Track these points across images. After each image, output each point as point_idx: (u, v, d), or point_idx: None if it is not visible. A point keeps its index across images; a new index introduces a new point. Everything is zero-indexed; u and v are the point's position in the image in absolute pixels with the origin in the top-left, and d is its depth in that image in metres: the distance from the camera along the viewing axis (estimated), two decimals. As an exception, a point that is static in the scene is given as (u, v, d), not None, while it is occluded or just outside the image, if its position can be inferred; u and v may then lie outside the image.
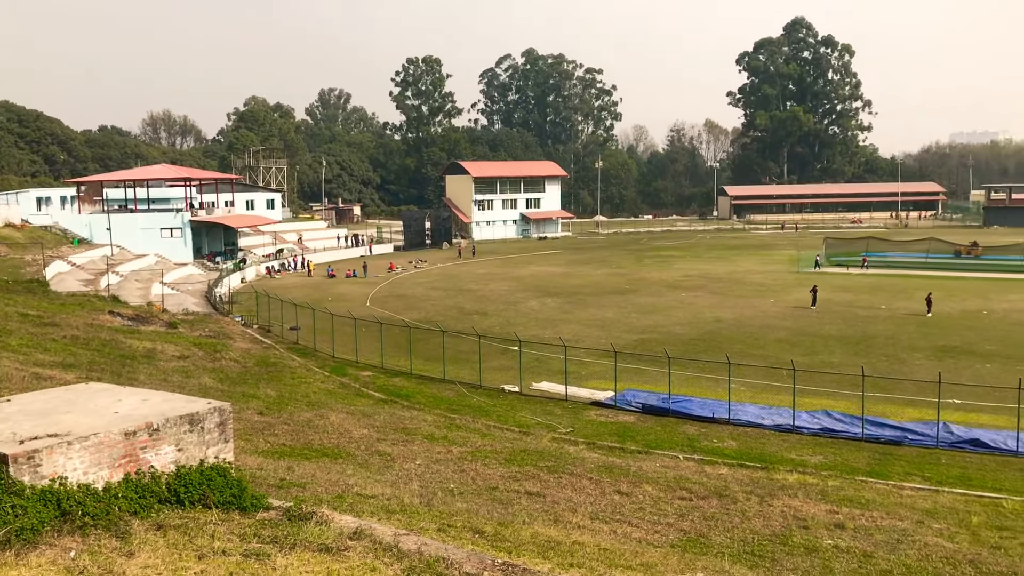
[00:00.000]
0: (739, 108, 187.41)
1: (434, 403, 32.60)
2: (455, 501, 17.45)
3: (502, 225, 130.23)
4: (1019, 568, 15.56)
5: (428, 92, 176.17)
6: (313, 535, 9.81)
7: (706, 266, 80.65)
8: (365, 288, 68.95)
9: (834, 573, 14.42)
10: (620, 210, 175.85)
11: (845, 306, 54.05)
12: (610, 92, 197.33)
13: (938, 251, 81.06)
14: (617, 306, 56.11)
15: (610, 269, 79.93)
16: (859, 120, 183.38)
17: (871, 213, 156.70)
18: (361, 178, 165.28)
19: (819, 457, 25.43)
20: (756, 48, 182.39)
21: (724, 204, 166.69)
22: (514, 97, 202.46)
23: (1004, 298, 56.02)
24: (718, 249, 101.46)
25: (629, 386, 33.92)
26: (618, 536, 15.53)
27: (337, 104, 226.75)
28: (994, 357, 38.79)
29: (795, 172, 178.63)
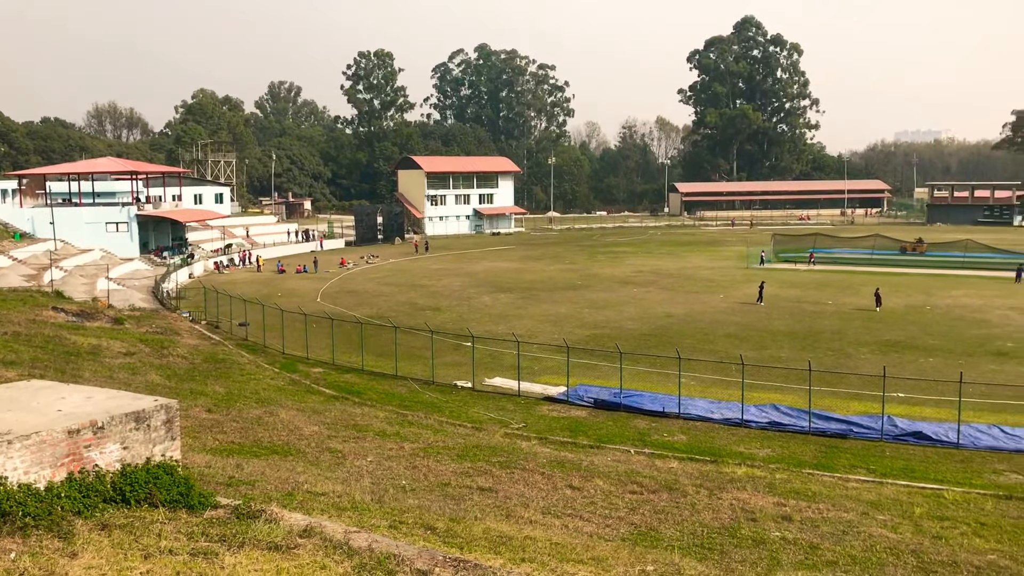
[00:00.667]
0: (690, 106, 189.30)
1: (386, 399, 32.45)
2: (407, 498, 17.38)
3: (455, 221, 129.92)
4: (959, 557, 15.95)
5: (380, 86, 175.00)
6: (262, 533, 9.71)
7: (657, 262, 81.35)
8: (316, 284, 68.35)
9: (781, 565, 14.65)
10: (573, 206, 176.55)
11: (793, 302, 54.91)
12: (563, 88, 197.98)
13: (883, 247, 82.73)
14: (570, 301, 56.36)
15: (563, 265, 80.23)
16: (807, 118, 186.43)
17: (818, 210, 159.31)
18: (312, 172, 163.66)
19: (767, 450, 25.82)
20: (707, 46, 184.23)
21: (675, 201, 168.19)
22: (467, 92, 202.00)
23: (947, 294, 57.36)
24: (669, 245, 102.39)
25: (581, 381, 34.10)
26: (569, 530, 15.60)
27: (287, 97, 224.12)
28: (937, 351, 39.71)
29: (744, 169, 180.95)
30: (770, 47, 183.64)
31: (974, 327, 45.49)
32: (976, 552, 16.50)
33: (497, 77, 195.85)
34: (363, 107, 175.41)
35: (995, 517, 19.44)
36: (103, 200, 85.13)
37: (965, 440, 26.15)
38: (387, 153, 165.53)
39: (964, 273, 69.23)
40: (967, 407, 27.87)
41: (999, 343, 41.28)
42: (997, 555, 16.38)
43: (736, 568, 14.29)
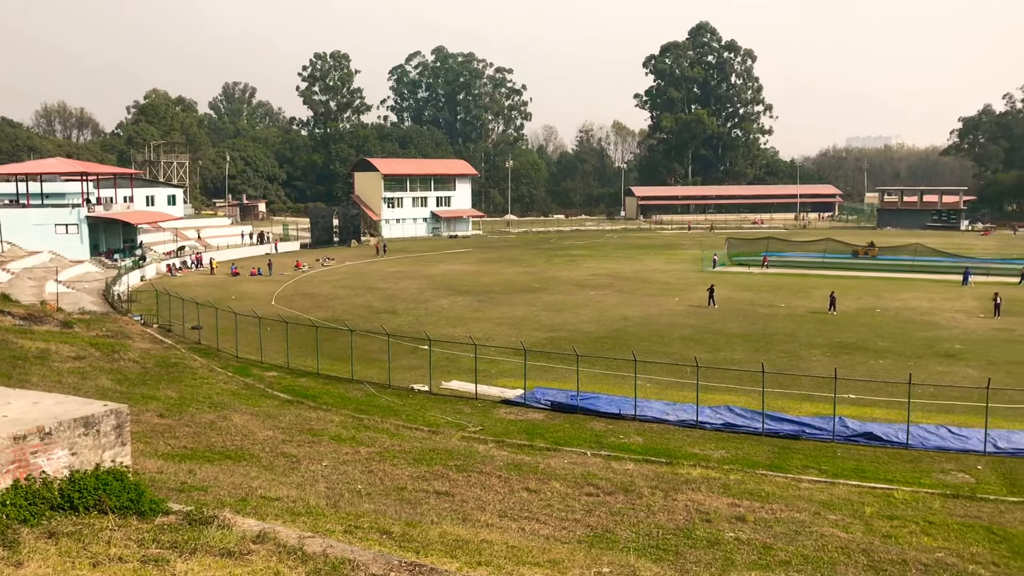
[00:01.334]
0: (646, 110, 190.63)
1: (342, 403, 32.21)
2: (362, 502, 17.29)
3: (412, 223, 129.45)
4: (908, 556, 16.26)
5: (336, 88, 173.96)
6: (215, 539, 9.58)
7: (614, 265, 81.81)
8: (270, 286, 67.67)
9: (735, 565, 14.81)
10: (530, 209, 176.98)
11: (747, 304, 55.56)
12: (520, 92, 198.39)
13: (835, 251, 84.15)
14: (527, 304, 56.44)
15: (520, 268, 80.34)
16: (760, 124, 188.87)
17: (771, 214, 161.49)
18: (267, 174, 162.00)
19: (721, 452, 26.08)
20: (662, 51, 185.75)
21: (631, 204, 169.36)
22: (424, 94, 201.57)
23: (896, 296, 58.44)
24: (625, 249, 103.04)
25: (538, 384, 34.15)
26: (526, 533, 15.63)
27: (242, 98, 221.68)
28: (887, 353, 40.43)
29: (699, 173, 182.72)
30: (724, 53, 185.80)
31: (923, 329, 46.40)
32: (924, 550, 16.83)
33: (455, 80, 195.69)
34: (319, 109, 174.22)
35: (943, 516, 19.85)
36: (52, 201, 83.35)
37: (914, 440, 26.66)
38: (343, 155, 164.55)
39: (913, 276, 70.59)
40: (916, 408, 28.42)
41: (947, 345, 42.16)
42: (944, 553, 16.73)
43: (691, 569, 14.42)
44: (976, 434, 26.68)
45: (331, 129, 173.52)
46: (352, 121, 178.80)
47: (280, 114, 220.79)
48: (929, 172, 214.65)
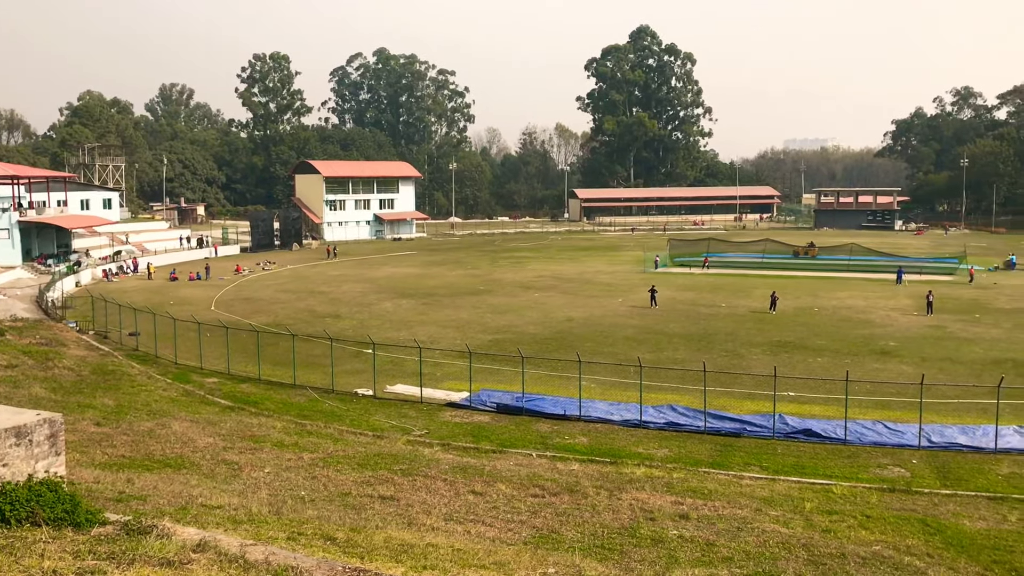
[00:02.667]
0: (588, 113, 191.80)
1: (284, 409, 31.81)
2: (306, 508, 17.10)
3: (355, 226, 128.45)
4: (847, 549, 16.59)
5: (276, 89, 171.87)
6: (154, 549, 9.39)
7: (558, 267, 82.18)
8: (210, 291, 66.55)
9: (679, 563, 14.96)
10: (474, 211, 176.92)
11: (688, 304, 56.25)
12: (463, 94, 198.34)
13: (773, 251, 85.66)
14: (472, 307, 56.39)
15: (465, 270, 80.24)
16: (700, 126, 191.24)
17: (712, 215, 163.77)
18: (205, 177, 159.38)
19: (665, 450, 26.35)
20: (603, 55, 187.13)
21: (575, 206, 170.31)
22: (366, 96, 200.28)
23: (833, 295, 59.68)
24: (569, 250, 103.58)
25: (484, 386, 34.14)
26: (472, 536, 15.61)
27: (179, 100, 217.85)
28: (824, 351, 41.26)
29: (641, 176, 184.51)
30: (664, 56, 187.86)
31: (859, 327, 47.46)
32: (862, 544, 17.20)
33: (397, 82, 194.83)
34: (259, 110, 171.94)
35: (879, 510, 20.32)
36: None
37: (852, 436, 27.25)
38: (284, 157, 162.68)
39: (849, 276, 72.19)
40: (853, 404, 29.08)
41: (882, 342, 43.18)
42: (882, 546, 17.12)
43: (635, 568, 14.53)
44: (911, 429, 27.37)
45: (271, 131, 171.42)
46: (293, 123, 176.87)
47: (219, 116, 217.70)
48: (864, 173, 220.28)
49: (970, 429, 27.77)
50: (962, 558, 16.76)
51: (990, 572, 16.05)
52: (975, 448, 26.22)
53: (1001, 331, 45.82)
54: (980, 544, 17.74)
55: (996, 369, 36.04)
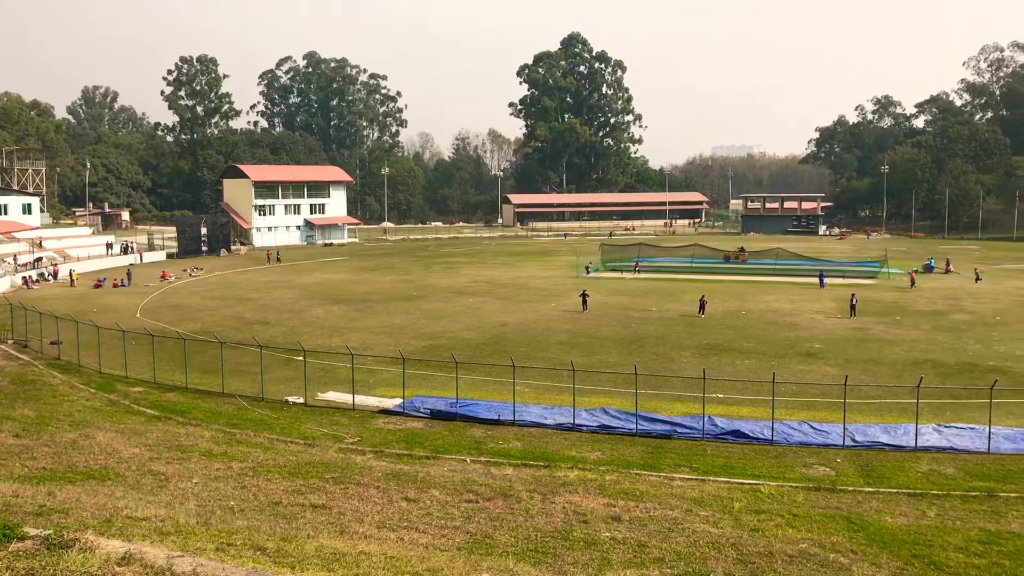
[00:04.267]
0: (521, 119, 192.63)
1: (212, 418, 31.20)
2: (235, 519, 16.79)
3: (285, 231, 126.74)
4: (774, 548, 16.93)
5: (203, 92, 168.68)
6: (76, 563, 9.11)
7: (492, 272, 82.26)
8: (135, 299, 64.93)
9: (611, 564, 15.08)
10: (407, 216, 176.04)
11: (620, 309, 56.82)
12: (395, 98, 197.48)
13: (702, 256, 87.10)
14: (405, 312, 56.08)
15: (398, 276, 79.77)
16: (631, 133, 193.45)
17: (643, 221, 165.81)
18: (130, 182, 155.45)
19: (598, 453, 26.56)
20: (535, 61, 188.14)
21: (508, 212, 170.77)
22: (296, 100, 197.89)
23: (760, 299, 60.91)
24: (503, 255, 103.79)
25: (418, 392, 33.98)
26: (405, 543, 15.51)
27: (103, 103, 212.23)
28: (752, 354, 42.07)
29: (573, 181, 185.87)
30: (595, 63, 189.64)
31: (785, 330, 48.51)
32: (789, 542, 17.57)
33: (327, 86, 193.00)
34: (185, 114, 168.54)
35: (806, 508, 20.78)
36: None
37: (779, 437, 27.83)
38: (211, 162, 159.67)
39: (775, 280, 73.76)
40: (780, 405, 29.70)
41: (807, 345, 44.21)
42: (808, 543, 17.51)
43: (569, 570, 14.61)
44: (835, 429, 28.08)
45: (198, 135, 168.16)
46: (221, 127, 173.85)
47: (144, 119, 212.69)
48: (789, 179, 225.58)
49: (891, 428, 28.61)
50: (884, 553, 17.24)
51: (910, 566, 16.54)
52: (896, 446, 27.01)
53: (920, 332, 47.32)
54: (901, 539, 18.28)
55: (916, 370, 37.20)
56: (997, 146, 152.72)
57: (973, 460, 25.67)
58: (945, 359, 40.30)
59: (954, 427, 28.64)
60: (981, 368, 38.10)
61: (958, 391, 33.45)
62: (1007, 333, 46.91)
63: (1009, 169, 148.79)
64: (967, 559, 17.01)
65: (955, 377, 36.52)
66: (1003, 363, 39.26)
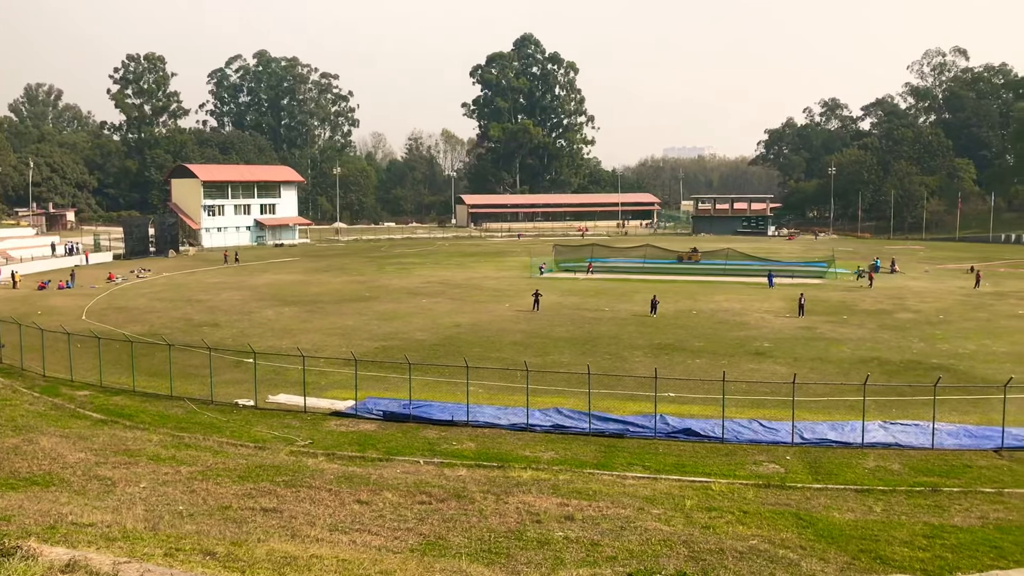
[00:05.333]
0: (474, 119, 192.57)
1: (160, 421, 30.68)
2: (184, 523, 16.55)
3: (235, 232, 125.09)
4: (725, 545, 17.15)
5: (151, 91, 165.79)
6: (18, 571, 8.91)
7: (445, 273, 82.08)
8: (81, 300, 63.61)
9: (564, 564, 15.14)
10: (360, 217, 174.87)
11: (573, 309, 57.06)
12: (347, 98, 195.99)
13: (654, 257, 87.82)
14: (358, 314, 55.70)
15: (350, 276, 79.19)
16: (583, 134, 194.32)
17: (595, 222, 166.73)
18: (75, 181, 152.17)
19: (551, 453, 26.64)
20: (488, 62, 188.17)
21: (462, 212, 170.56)
22: (246, 99, 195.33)
23: (710, 299, 61.59)
24: (457, 256, 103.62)
25: (370, 394, 33.77)
26: (357, 546, 15.42)
27: (47, 101, 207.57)
28: (703, 353, 42.53)
29: (527, 182, 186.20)
30: (548, 64, 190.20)
31: (735, 329, 49.12)
32: (740, 539, 17.80)
33: (278, 85, 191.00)
34: (132, 113, 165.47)
35: (755, 505, 21.07)
36: None
37: (729, 435, 28.17)
38: (159, 161, 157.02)
39: (726, 280, 74.66)
40: (730, 404, 30.05)
41: (757, 344, 44.81)
42: (758, 540, 17.76)
43: (522, 570, 14.64)
44: (784, 426, 28.50)
45: (146, 134, 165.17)
46: (169, 126, 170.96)
47: (90, 118, 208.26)
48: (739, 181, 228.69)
49: (839, 425, 29.12)
50: (832, 549, 17.54)
51: (857, 561, 16.85)
52: (843, 443, 27.49)
53: (866, 331, 48.23)
54: (848, 535, 18.61)
55: (862, 368, 37.90)
56: (940, 148, 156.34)
57: (918, 456, 26.24)
58: (891, 357, 41.14)
59: (899, 424, 29.25)
60: (925, 366, 38.96)
61: (903, 388, 34.17)
62: (950, 331, 48.04)
63: (952, 171, 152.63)
64: (912, 553, 17.38)
65: (900, 375, 37.31)
66: (946, 361, 40.19)
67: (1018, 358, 40.77)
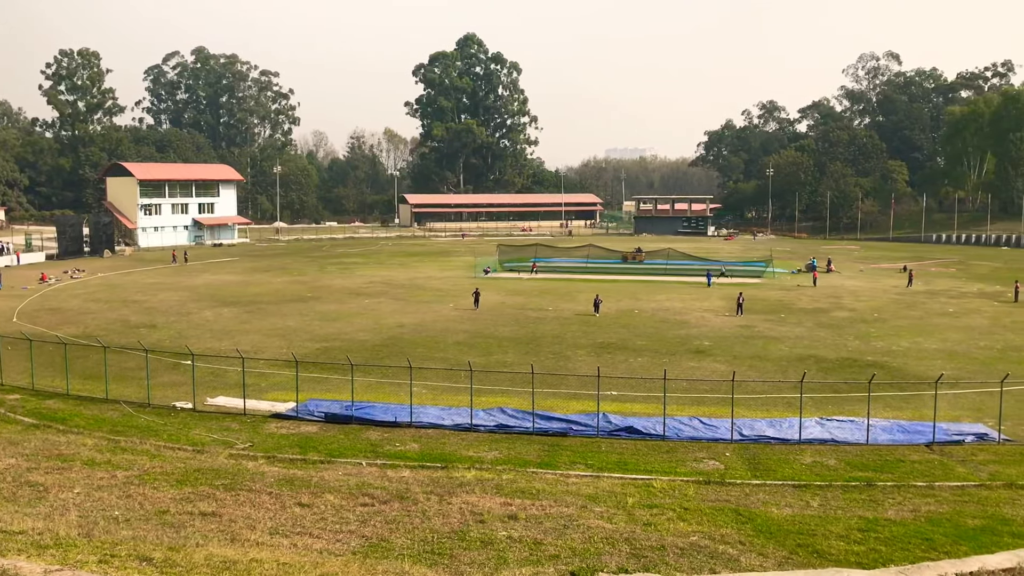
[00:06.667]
0: (417, 119, 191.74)
1: (95, 425, 29.96)
2: (120, 529, 16.20)
3: (172, 231, 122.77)
4: (667, 541, 17.33)
5: (85, 87, 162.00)
6: (-58, 583, 8.62)
7: (388, 272, 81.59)
8: (12, 302, 61.82)
9: (508, 563, 15.16)
10: (301, 216, 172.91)
11: (517, 309, 57.18)
12: (287, 96, 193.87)
13: (597, 256, 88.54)
14: (299, 314, 55.07)
15: (291, 276, 78.26)
16: (527, 135, 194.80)
17: (539, 222, 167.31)
18: (6, 180, 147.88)
19: (495, 453, 26.66)
20: (431, 61, 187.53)
21: (405, 212, 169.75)
22: (184, 96, 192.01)
23: (652, 298, 62.23)
24: (400, 256, 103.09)
25: (312, 396, 33.42)
26: (298, 549, 15.25)
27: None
28: (644, 351, 42.96)
29: (471, 182, 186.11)
30: (491, 64, 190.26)
31: (676, 328, 49.71)
32: (681, 535, 18.01)
33: (217, 82, 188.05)
34: (66, 109, 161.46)
35: (696, 502, 21.34)
36: None
37: (670, 432, 28.49)
38: (94, 159, 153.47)
39: (667, 279, 75.49)
40: (671, 401, 30.43)
41: (697, 342, 45.41)
42: (698, 536, 17.99)
43: (465, 571, 14.62)
44: (724, 424, 28.93)
45: (80, 132, 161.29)
46: (104, 123, 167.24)
47: (21, 115, 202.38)
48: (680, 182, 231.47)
49: (777, 422, 29.65)
50: (771, 544, 17.84)
51: (795, 555, 17.17)
52: (781, 440, 28.01)
53: (804, 329, 49.20)
54: (786, 530, 18.95)
55: (799, 365, 38.65)
56: (874, 150, 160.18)
57: (853, 451, 26.85)
58: (827, 355, 42.02)
59: (835, 420, 29.90)
60: (860, 363, 39.88)
61: (839, 385, 34.94)
62: (884, 329, 49.24)
63: (885, 172, 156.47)
64: (847, 546, 17.76)
65: (836, 372, 38.13)
66: (880, 358, 41.19)
67: (949, 355, 41.99)
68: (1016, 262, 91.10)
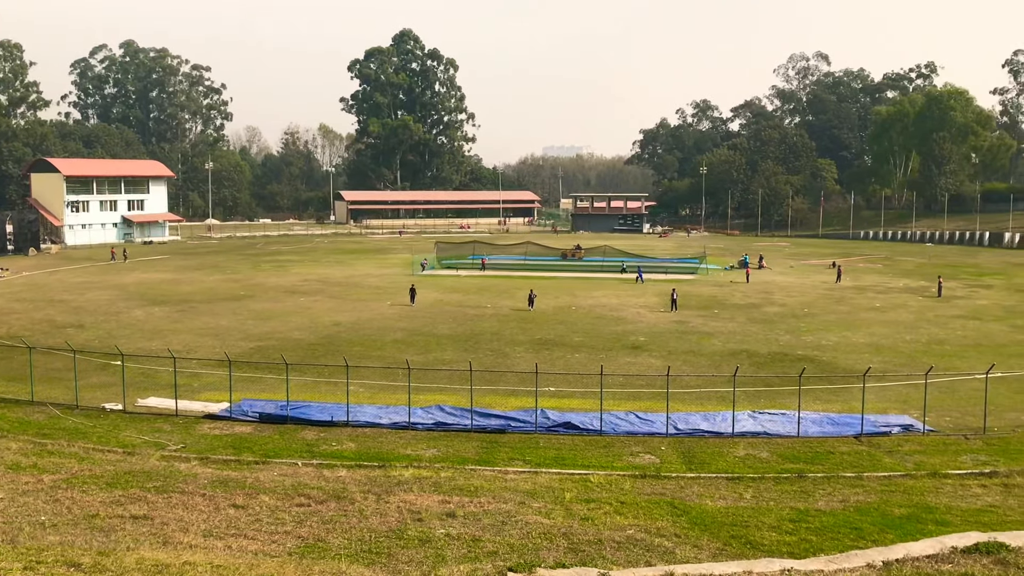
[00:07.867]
0: (353, 114, 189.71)
1: (20, 428, 29.09)
2: (46, 534, 15.78)
3: (100, 228, 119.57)
4: (604, 535, 17.50)
5: (7, 80, 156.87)
6: None
7: (324, 270, 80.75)
8: (-70, 302, 59.64)
9: (445, 561, 15.15)
10: (234, 213, 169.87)
11: (455, 306, 57.11)
12: (219, 91, 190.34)
13: (535, 254, 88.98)
14: (232, 313, 54.18)
15: (224, 275, 76.92)
16: (464, 132, 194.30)
17: (477, 219, 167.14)
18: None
19: (433, 450, 26.62)
20: (367, 56, 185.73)
21: (341, 209, 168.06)
22: (112, 91, 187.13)
23: (589, 295, 62.73)
24: (336, 253, 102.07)
25: (246, 396, 32.94)
26: (233, 551, 15.03)
27: None
28: (582, 348, 43.29)
29: (408, 179, 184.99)
30: (428, 61, 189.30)
31: (612, 324, 50.20)
32: (618, 528, 18.21)
33: (146, 76, 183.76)
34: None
35: (633, 495, 21.60)
36: None
37: (607, 427, 28.78)
38: (17, 155, 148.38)
39: (603, 276, 76.16)
40: (608, 397, 30.72)
41: (633, 338, 45.92)
42: (635, 529, 18.21)
43: (403, 569, 14.57)
44: (660, 418, 29.32)
45: (2, 126, 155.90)
46: (28, 118, 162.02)
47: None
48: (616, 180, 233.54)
49: (711, 416, 30.17)
50: (705, 535, 18.15)
51: (729, 547, 17.49)
52: (715, 433, 28.51)
53: (736, 325, 50.10)
54: (720, 521, 19.30)
55: (732, 360, 39.37)
56: (804, 149, 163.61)
57: (785, 444, 27.46)
58: (759, 349, 42.86)
59: (767, 413, 30.54)
60: (791, 357, 40.78)
61: (771, 379, 35.66)
62: (814, 324, 50.40)
63: (815, 171, 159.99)
64: (779, 537, 18.16)
65: (768, 366, 38.92)
66: (811, 352, 42.18)
67: (876, 348, 43.19)
68: (940, 258, 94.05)
